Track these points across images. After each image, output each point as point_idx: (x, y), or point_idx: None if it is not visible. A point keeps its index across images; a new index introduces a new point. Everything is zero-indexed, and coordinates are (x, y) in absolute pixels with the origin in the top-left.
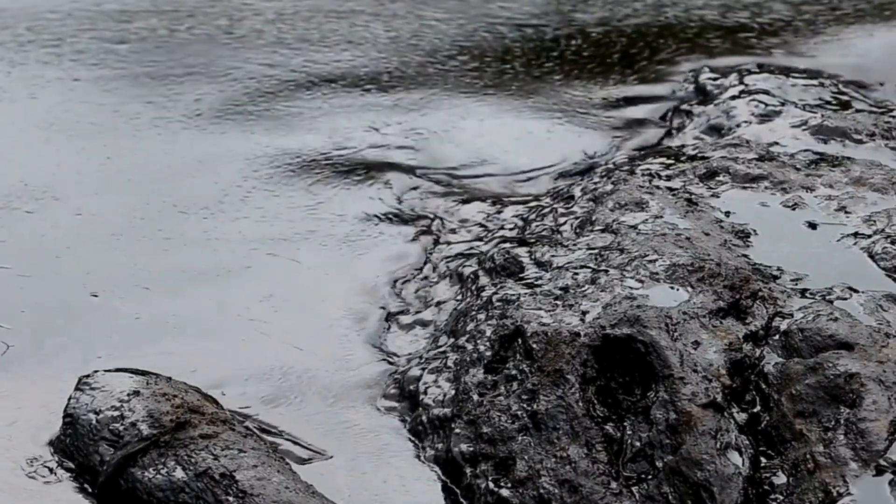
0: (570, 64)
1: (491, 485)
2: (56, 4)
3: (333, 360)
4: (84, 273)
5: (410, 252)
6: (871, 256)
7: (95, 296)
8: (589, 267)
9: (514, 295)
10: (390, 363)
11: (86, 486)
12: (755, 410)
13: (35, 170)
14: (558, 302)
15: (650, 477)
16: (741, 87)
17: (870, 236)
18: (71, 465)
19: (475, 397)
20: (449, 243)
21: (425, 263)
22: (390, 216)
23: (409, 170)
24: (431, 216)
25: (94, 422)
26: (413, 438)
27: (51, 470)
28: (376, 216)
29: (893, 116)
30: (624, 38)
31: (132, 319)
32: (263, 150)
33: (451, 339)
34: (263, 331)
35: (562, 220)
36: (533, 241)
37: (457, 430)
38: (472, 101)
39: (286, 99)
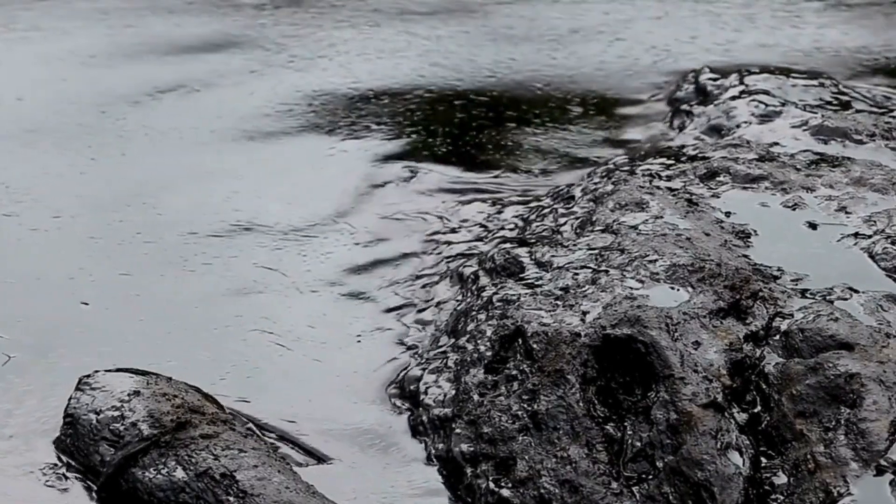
0: None
1: (491, 485)
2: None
3: (333, 360)
4: (68, 278)
5: (411, 253)
6: (872, 257)
7: (86, 304)
8: (589, 267)
9: (514, 295)
10: (390, 363)
11: (86, 486)
12: (756, 410)
13: (18, 172)
14: (559, 302)
15: (651, 477)
16: (741, 88)
17: (870, 237)
18: (71, 465)
19: (476, 397)
20: (449, 243)
21: (426, 264)
22: (389, 218)
23: (409, 170)
24: (432, 216)
25: (94, 422)
26: (414, 438)
27: (51, 470)
28: (375, 219)
29: (893, 117)
30: None
31: (126, 326)
32: (247, 148)
33: (452, 340)
34: (260, 334)
35: (562, 220)
36: (533, 241)
37: (457, 430)
38: None
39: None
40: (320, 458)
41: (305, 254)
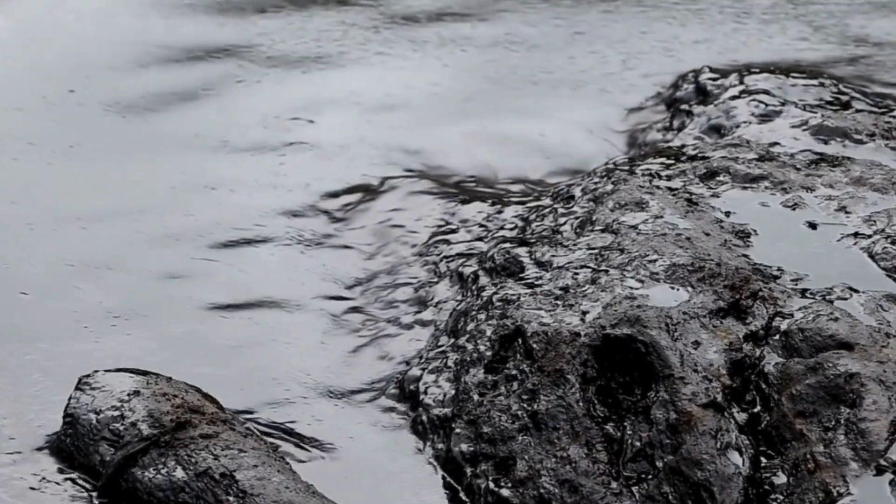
0: None
1: (491, 484)
2: None
3: (333, 360)
4: (4, 266)
5: (411, 253)
6: (872, 256)
7: (25, 294)
8: (589, 267)
9: (514, 295)
10: (390, 364)
11: (86, 485)
12: (755, 410)
13: None
14: (558, 302)
15: (650, 477)
16: (741, 87)
17: (870, 236)
18: (71, 464)
19: (475, 397)
20: (449, 243)
21: (425, 264)
22: (389, 219)
23: (406, 169)
24: (432, 217)
25: (94, 422)
26: (414, 438)
27: (51, 470)
28: (375, 220)
29: (893, 116)
30: None
31: (65, 320)
32: (205, 143)
33: (452, 339)
34: (253, 329)
35: (562, 220)
36: (533, 241)
37: (457, 430)
38: None
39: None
40: (319, 455)
41: (302, 254)
